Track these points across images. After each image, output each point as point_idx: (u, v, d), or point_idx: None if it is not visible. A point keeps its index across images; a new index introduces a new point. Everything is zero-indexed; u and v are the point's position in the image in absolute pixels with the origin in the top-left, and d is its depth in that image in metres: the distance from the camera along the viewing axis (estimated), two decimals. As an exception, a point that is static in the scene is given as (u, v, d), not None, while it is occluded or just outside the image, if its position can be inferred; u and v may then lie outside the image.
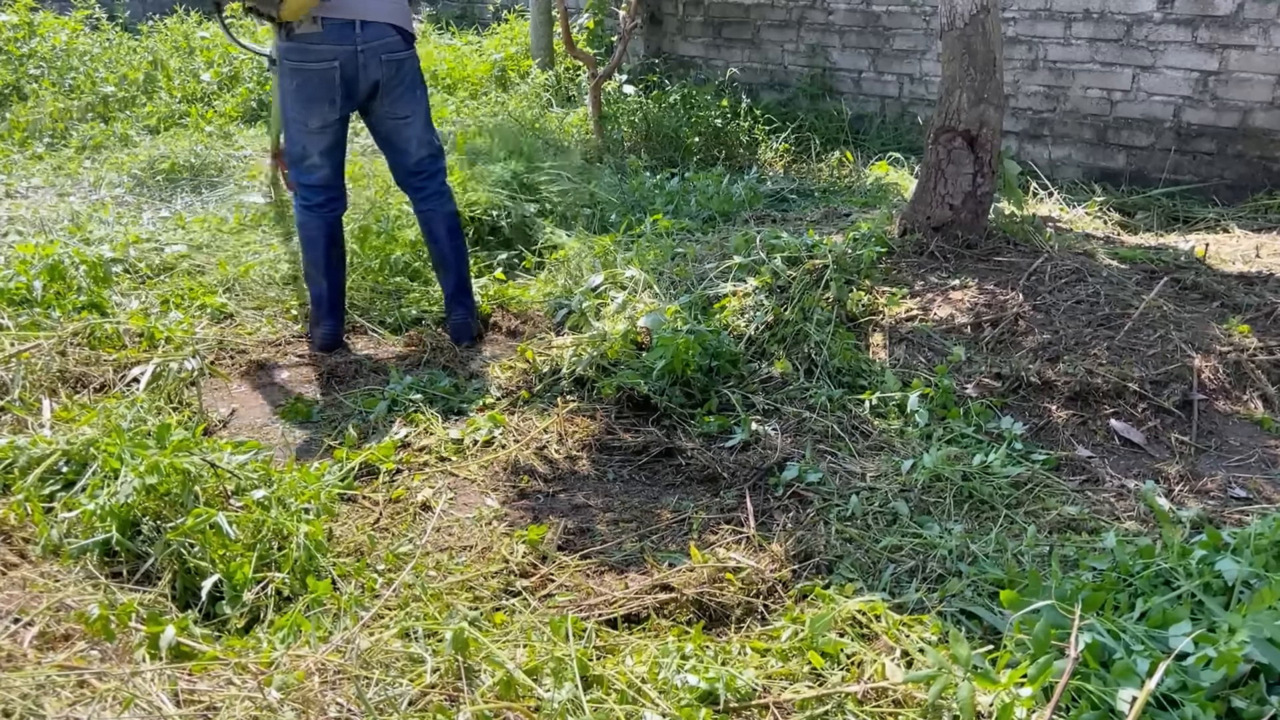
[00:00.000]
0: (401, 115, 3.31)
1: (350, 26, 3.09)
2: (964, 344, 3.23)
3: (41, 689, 1.75)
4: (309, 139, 3.24)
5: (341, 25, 3.09)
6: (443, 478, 2.67)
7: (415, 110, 3.33)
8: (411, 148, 3.38)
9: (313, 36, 3.08)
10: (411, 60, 3.28)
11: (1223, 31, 5.22)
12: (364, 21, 3.11)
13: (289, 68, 3.15)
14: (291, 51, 3.12)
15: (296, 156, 3.30)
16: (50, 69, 6.94)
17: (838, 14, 6.64)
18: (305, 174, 3.32)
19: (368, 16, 3.11)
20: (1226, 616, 1.79)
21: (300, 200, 3.38)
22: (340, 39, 3.09)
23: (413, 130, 3.35)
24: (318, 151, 3.26)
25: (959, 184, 3.76)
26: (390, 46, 3.19)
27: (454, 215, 3.52)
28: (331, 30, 3.08)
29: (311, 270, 3.44)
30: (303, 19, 3.06)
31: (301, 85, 3.15)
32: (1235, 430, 2.95)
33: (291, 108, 3.21)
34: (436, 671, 1.85)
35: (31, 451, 2.42)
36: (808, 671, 1.90)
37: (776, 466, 2.68)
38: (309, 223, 3.37)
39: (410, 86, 3.29)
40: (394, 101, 3.27)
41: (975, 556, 2.26)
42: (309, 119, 3.20)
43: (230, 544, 2.15)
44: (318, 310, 3.47)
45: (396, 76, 3.23)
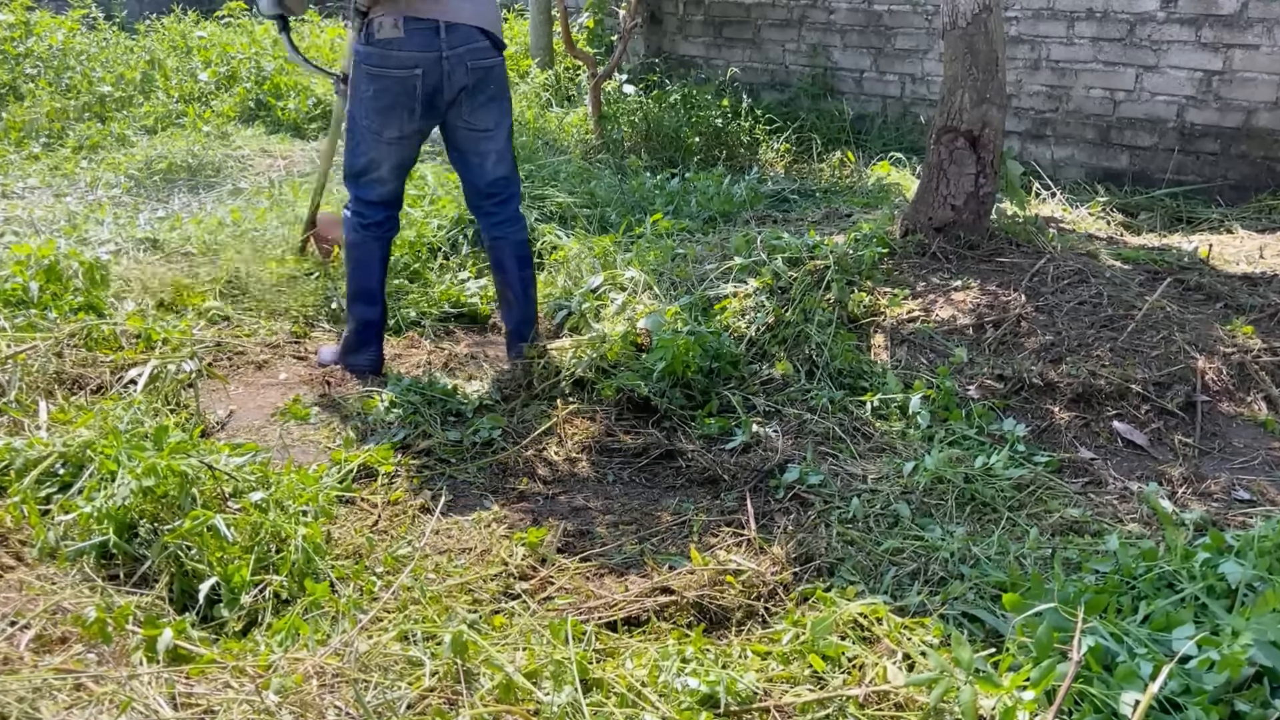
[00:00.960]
0: (482, 128, 3.09)
1: (435, 31, 2.88)
2: (966, 345, 3.22)
3: (38, 692, 1.74)
4: (381, 150, 3.02)
5: (425, 30, 2.88)
6: (441, 480, 2.66)
7: (499, 124, 3.12)
8: (489, 164, 3.15)
9: (394, 42, 2.87)
10: (500, 68, 3.07)
11: (1226, 31, 5.21)
12: (450, 25, 2.89)
13: (366, 72, 2.95)
14: (370, 56, 2.92)
15: (360, 169, 3.07)
16: (47, 68, 6.93)
17: (839, 13, 6.63)
18: (367, 188, 3.09)
19: (454, 19, 2.90)
20: (1230, 619, 1.78)
21: (356, 219, 3.14)
22: (425, 45, 2.88)
23: (492, 145, 3.13)
24: (389, 165, 3.06)
25: (961, 184, 3.75)
26: (478, 53, 2.97)
27: (525, 245, 3.28)
28: (415, 35, 2.87)
29: (360, 296, 3.21)
30: (383, 22, 2.86)
31: (380, 92, 2.95)
32: (1239, 432, 2.93)
33: (366, 115, 2.99)
34: (435, 675, 1.83)
35: (28, 453, 2.41)
36: (809, 675, 1.89)
37: (777, 468, 2.67)
38: (363, 243, 3.14)
39: (495, 97, 3.07)
40: (475, 111, 3.05)
41: (977, 559, 2.25)
42: (385, 128, 2.99)
43: (228, 546, 2.15)
44: (362, 335, 3.24)
45: (482, 85, 3.02)
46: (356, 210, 3.14)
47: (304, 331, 3.63)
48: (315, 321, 3.73)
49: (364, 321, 3.23)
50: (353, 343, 3.26)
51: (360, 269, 3.19)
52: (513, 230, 3.25)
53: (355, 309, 3.23)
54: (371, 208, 3.12)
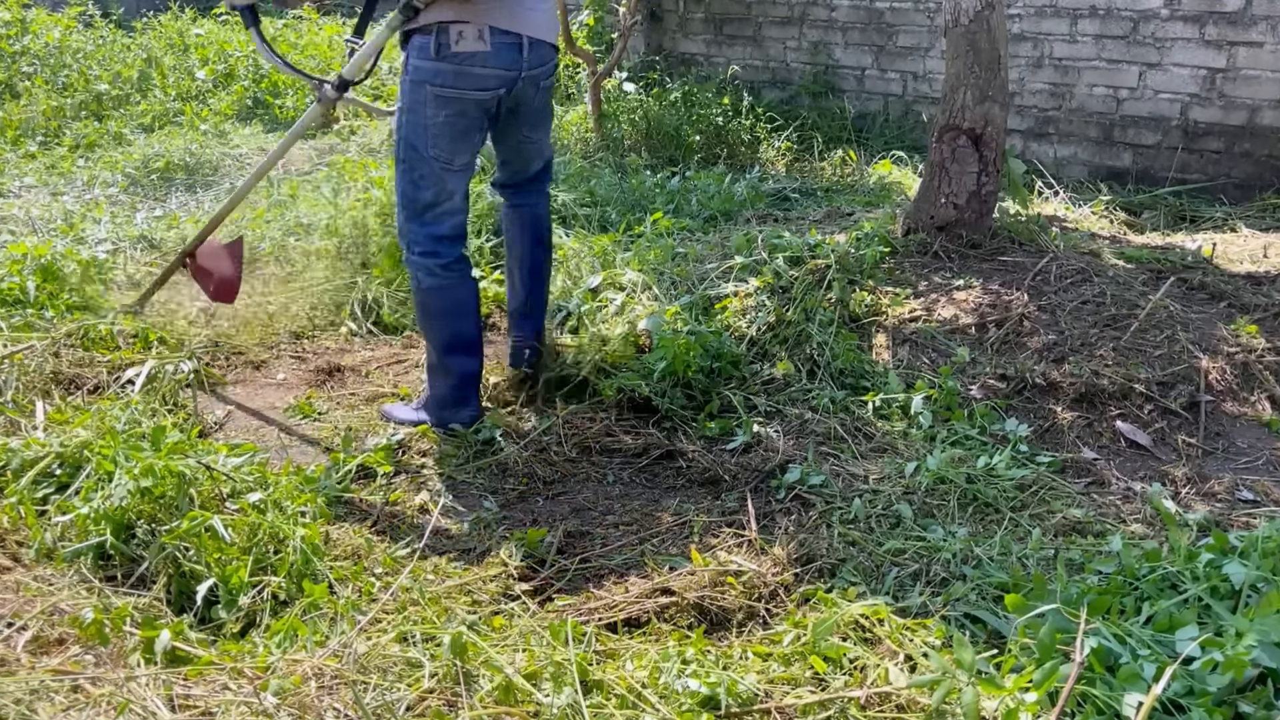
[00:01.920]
0: (531, 138, 2.85)
1: (517, 48, 2.55)
2: (968, 345, 3.21)
3: (35, 694, 1.73)
4: (453, 179, 2.65)
5: (510, 45, 2.53)
6: (441, 480, 2.65)
7: (545, 129, 2.90)
8: (531, 166, 2.92)
9: (476, 57, 2.49)
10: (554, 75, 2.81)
11: (1231, 29, 5.19)
12: (532, 41, 2.58)
13: (435, 95, 2.53)
14: (443, 74, 2.51)
15: (427, 203, 2.66)
16: (43, 66, 6.91)
17: (840, 11, 6.62)
18: (438, 223, 2.67)
19: (536, 34, 2.58)
20: (1234, 620, 1.78)
21: (430, 260, 2.69)
22: (508, 63, 2.54)
23: (535, 149, 2.90)
24: (461, 192, 2.69)
25: (963, 183, 3.74)
26: (548, 72, 2.70)
27: (545, 219, 3.01)
28: (501, 50, 2.51)
29: (456, 348, 2.79)
30: (464, 32, 2.47)
31: (454, 118, 2.55)
32: (1243, 432, 2.92)
33: (434, 144, 2.58)
34: (435, 676, 1.83)
35: (24, 454, 2.40)
36: (810, 676, 1.88)
37: (778, 469, 2.66)
38: (449, 288, 2.71)
39: (546, 107, 2.84)
40: (533, 126, 2.82)
41: (979, 560, 2.24)
42: (457, 155, 2.61)
43: (226, 547, 2.14)
44: (461, 391, 2.83)
45: (541, 95, 2.76)
46: (428, 250, 2.69)
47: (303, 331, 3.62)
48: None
49: (464, 375, 2.82)
50: (449, 399, 2.84)
51: (450, 318, 2.76)
52: (536, 200, 2.97)
53: (452, 362, 2.80)
54: (446, 244, 2.70)
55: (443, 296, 2.74)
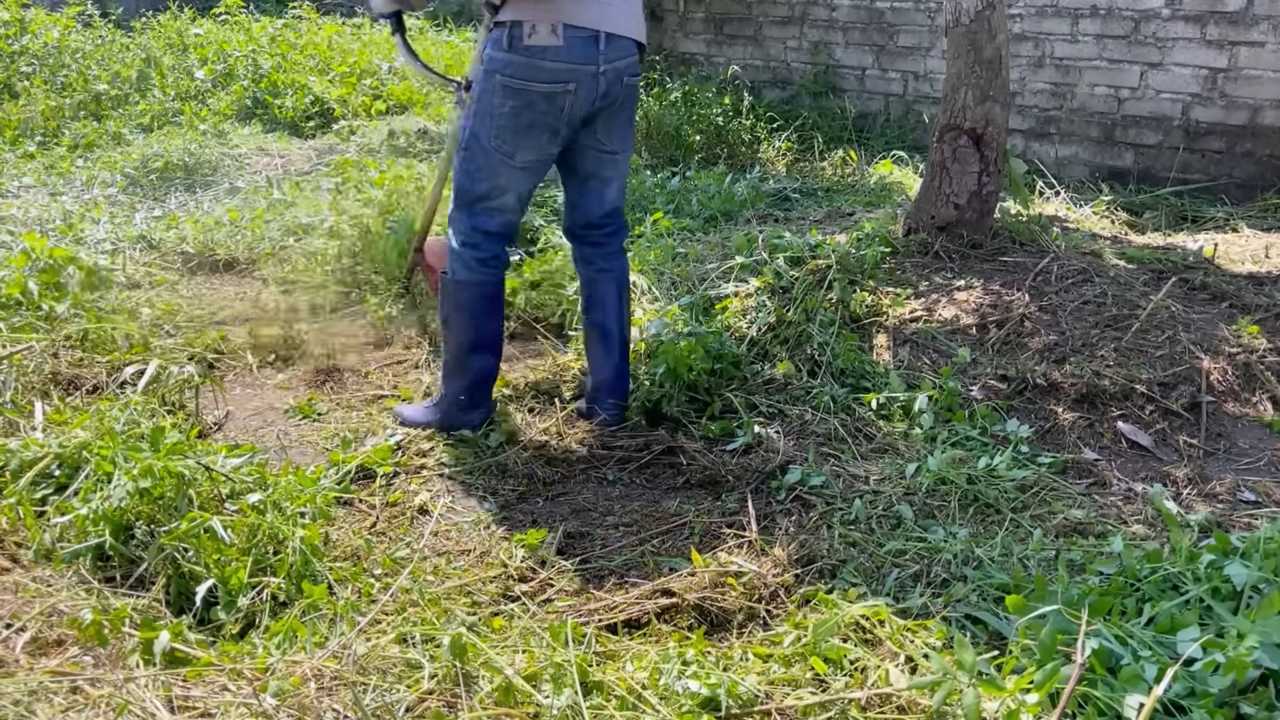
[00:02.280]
0: (611, 150, 2.71)
1: (594, 41, 2.49)
2: (969, 345, 3.20)
3: (34, 695, 1.73)
4: (510, 176, 2.60)
5: (585, 39, 2.48)
6: (441, 480, 2.65)
7: (626, 146, 2.74)
8: (609, 192, 2.77)
9: (548, 51, 2.46)
10: (639, 86, 2.73)
11: (1232, 28, 5.18)
12: (610, 36, 2.52)
13: (502, 84, 2.50)
14: (512, 65, 2.48)
15: (480, 194, 2.63)
16: (42, 66, 6.90)
17: (841, 10, 6.62)
18: (486, 217, 2.65)
19: (614, 29, 2.51)
20: (1235, 622, 1.77)
21: (469, 252, 2.68)
22: (583, 57, 2.49)
23: (617, 170, 2.76)
24: (516, 193, 2.64)
25: (964, 183, 3.73)
26: (632, 68, 2.62)
27: (628, 284, 2.86)
28: (574, 45, 2.47)
29: (478, 346, 2.77)
30: (537, 26, 2.45)
31: (520, 110, 2.52)
32: (1244, 433, 2.92)
33: (497, 134, 2.55)
34: (434, 677, 1.82)
35: (23, 455, 2.39)
36: (810, 677, 1.87)
37: (779, 470, 2.65)
38: (480, 282, 2.70)
39: (630, 119, 2.74)
40: (610, 132, 2.68)
41: (980, 561, 2.24)
42: (519, 150, 2.56)
43: (225, 548, 2.13)
44: (478, 393, 2.81)
45: (625, 103, 2.67)
46: (469, 242, 2.68)
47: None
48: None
49: (481, 376, 2.80)
50: (464, 401, 2.81)
51: (477, 315, 2.74)
52: (618, 264, 2.85)
53: (471, 361, 2.77)
54: (490, 239, 2.68)
55: (472, 291, 2.72)
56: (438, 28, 8.97)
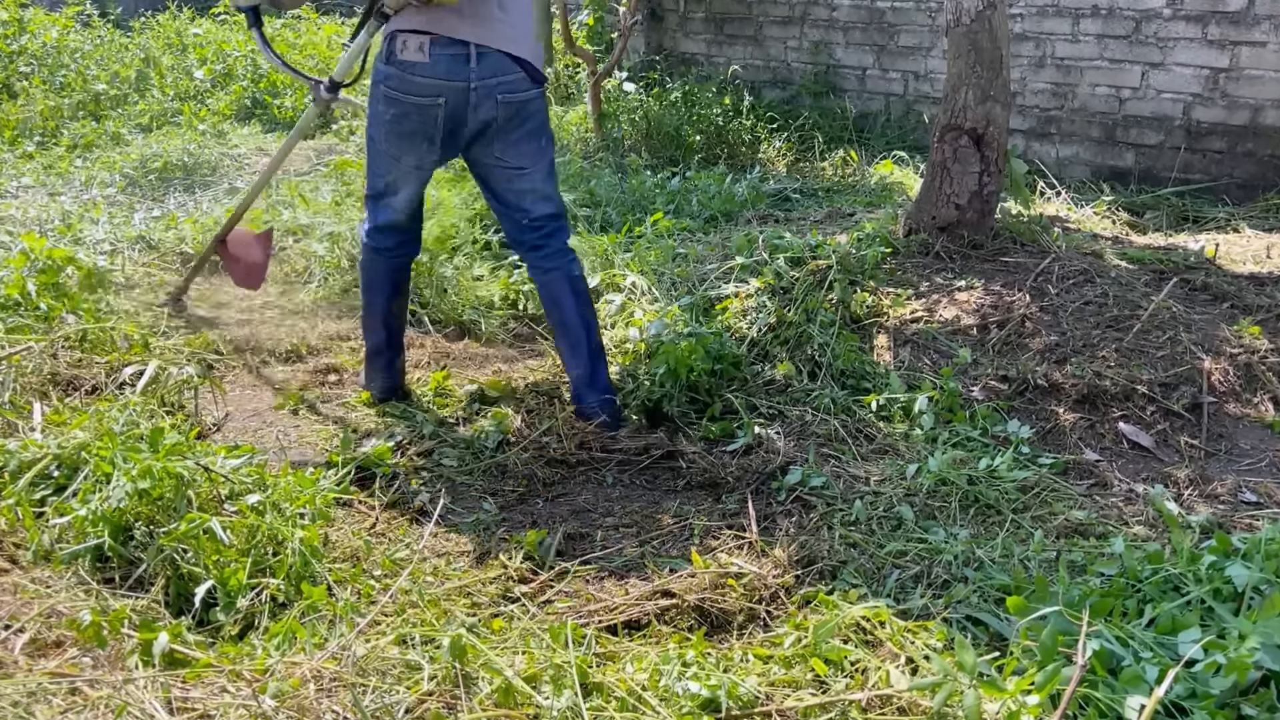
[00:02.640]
0: (515, 165, 2.82)
1: (463, 58, 2.62)
2: (970, 346, 3.20)
3: (33, 696, 1.72)
4: (401, 176, 2.81)
5: (452, 56, 2.61)
6: (440, 482, 2.64)
7: (534, 162, 2.84)
8: (526, 203, 2.87)
9: (417, 66, 2.61)
10: (536, 103, 2.78)
11: (1233, 28, 5.18)
12: (481, 51, 2.63)
13: (384, 94, 2.69)
14: (390, 77, 2.67)
15: (380, 190, 2.87)
16: (41, 66, 6.89)
17: (841, 10, 6.61)
18: (379, 210, 2.89)
19: (488, 43, 2.63)
20: (1237, 623, 1.77)
21: (367, 238, 2.96)
22: (451, 73, 2.62)
23: (528, 183, 2.85)
24: (405, 191, 2.84)
25: (965, 183, 3.73)
26: (509, 85, 2.69)
27: (581, 279, 2.95)
28: (440, 61, 2.61)
29: (369, 318, 3.04)
30: (408, 42, 2.61)
31: (399, 118, 2.70)
32: (1246, 433, 2.91)
33: (385, 139, 2.76)
34: (434, 679, 1.82)
35: (22, 455, 2.38)
36: (811, 679, 1.87)
37: (779, 470, 2.65)
38: (374, 266, 2.98)
39: (533, 134, 2.81)
40: (507, 149, 2.79)
41: (981, 562, 2.24)
42: (403, 155, 2.76)
43: (224, 549, 2.13)
44: (373, 362, 3.07)
45: (515, 120, 2.75)
46: (368, 230, 2.96)
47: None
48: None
49: (374, 347, 3.06)
50: (366, 367, 3.13)
51: (371, 292, 3.02)
52: (564, 262, 2.93)
53: (366, 334, 3.09)
54: (383, 232, 2.92)
55: (368, 271, 3.02)
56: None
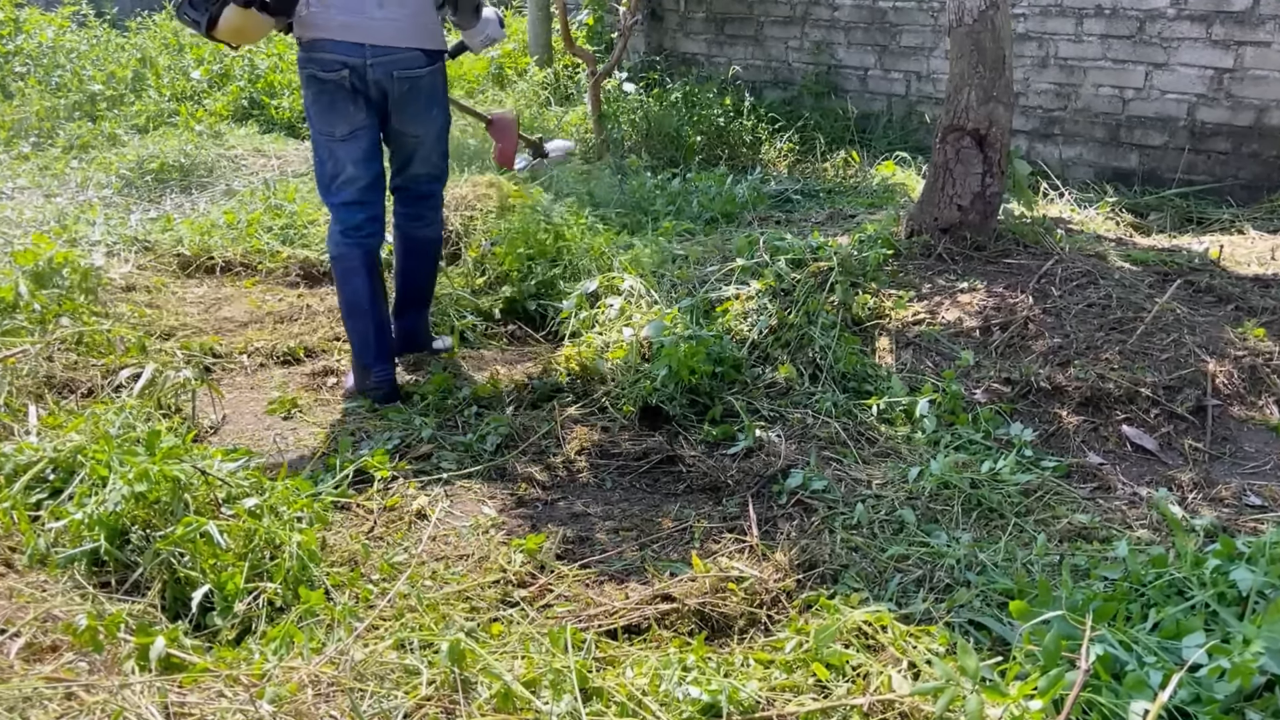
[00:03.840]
0: (412, 134, 3.11)
1: (358, 46, 2.92)
2: (972, 348, 3.18)
3: (28, 701, 1.72)
4: (340, 148, 3.00)
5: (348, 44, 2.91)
6: (438, 485, 2.63)
7: (428, 130, 3.12)
8: (413, 166, 3.20)
9: (320, 43, 2.91)
10: (430, 77, 3.04)
11: (1238, 28, 5.16)
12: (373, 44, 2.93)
13: (306, 76, 2.96)
14: (306, 61, 2.95)
15: (329, 176, 3.04)
16: (36, 67, 6.89)
17: (843, 10, 6.60)
18: (340, 191, 3.03)
19: (373, 40, 2.91)
20: (1241, 627, 1.76)
21: (336, 228, 3.07)
22: (349, 52, 2.91)
23: (420, 149, 3.15)
24: (351, 160, 3.01)
25: (967, 184, 3.71)
26: (403, 62, 2.97)
27: (429, 242, 3.31)
28: (339, 44, 2.91)
29: (353, 311, 3.11)
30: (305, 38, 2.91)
31: (319, 93, 2.96)
32: (1250, 436, 2.90)
33: (317, 119, 3.00)
34: (432, 684, 1.81)
35: (17, 459, 2.38)
36: (812, 683, 1.86)
37: (780, 474, 2.63)
38: (347, 253, 3.06)
39: (425, 105, 3.07)
40: (406, 118, 3.06)
41: (984, 566, 2.23)
42: (335, 126, 2.98)
43: (221, 553, 2.12)
44: (363, 356, 3.11)
45: (410, 95, 3.02)
46: (335, 219, 3.08)
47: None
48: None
49: (360, 339, 3.12)
50: (357, 367, 3.15)
51: (348, 282, 3.09)
52: (417, 227, 3.27)
53: (350, 326, 3.15)
54: (348, 210, 3.05)
55: (341, 261, 3.09)
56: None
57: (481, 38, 3.30)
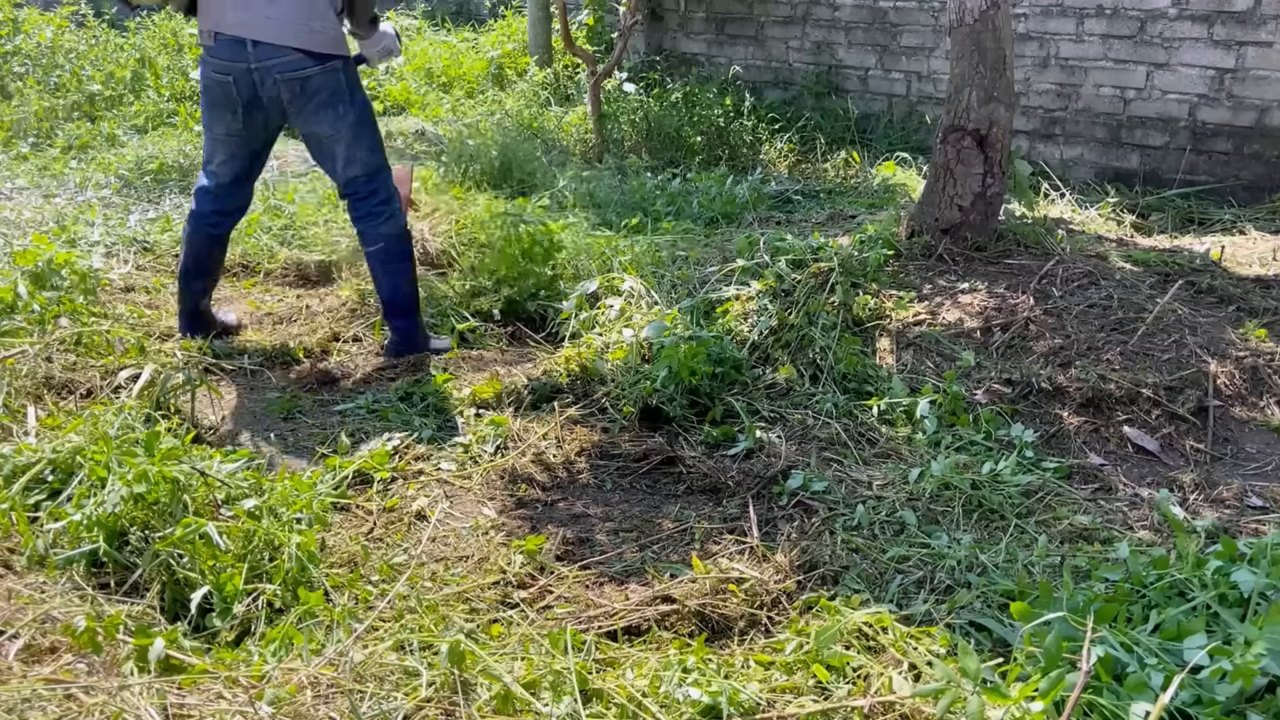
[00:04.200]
0: (324, 133, 3.17)
1: (242, 46, 3.00)
2: (973, 349, 3.18)
3: (27, 703, 1.71)
4: (215, 144, 3.24)
5: (233, 43, 3.00)
6: (438, 486, 2.63)
7: (338, 128, 3.15)
8: (339, 166, 3.23)
9: (210, 50, 3.06)
10: (322, 77, 3.07)
11: (1239, 28, 5.15)
12: (255, 40, 2.99)
13: (201, 69, 3.15)
14: (202, 62, 3.13)
15: (205, 157, 3.30)
16: (35, 67, 6.88)
17: (844, 10, 6.59)
18: (205, 176, 3.30)
19: (260, 37, 2.99)
20: (1243, 628, 1.75)
21: (192, 205, 3.36)
22: (232, 55, 3.02)
23: (338, 149, 3.19)
24: (219, 159, 3.25)
25: (968, 185, 3.71)
26: (285, 65, 3.03)
27: (389, 237, 3.31)
28: (223, 45, 3.02)
29: (183, 275, 3.41)
30: (202, 29, 3.05)
31: (205, 92, 3.17)
32: (1252, 437, 2.89)
33: (204, 109, 3.22)
34: (432, 685, 1.81)
35: (16, 460, 2.37)
36: (813, 685, 1.86)
37: (781, 475, 2.63)
38: (190, 231, 3.35)
39: (325, 105, 3.11)
40: (307, 120, 3.14)
41: (985, 567, 2.22)
42: (213, 124, 3.20)
43: (220, 555, 2.11)
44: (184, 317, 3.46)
45: (302, 95, 3.08)
46: (194, 196, 3.36)
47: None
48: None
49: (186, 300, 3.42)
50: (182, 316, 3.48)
51: (184, 249, 3.39)
52: (372, 225, 3.30)
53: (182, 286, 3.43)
54: (203, 195, 3.31)
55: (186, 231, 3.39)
56: (435, 27, 8.96)
57: (378, 49, 3.33)
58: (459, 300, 3.81)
